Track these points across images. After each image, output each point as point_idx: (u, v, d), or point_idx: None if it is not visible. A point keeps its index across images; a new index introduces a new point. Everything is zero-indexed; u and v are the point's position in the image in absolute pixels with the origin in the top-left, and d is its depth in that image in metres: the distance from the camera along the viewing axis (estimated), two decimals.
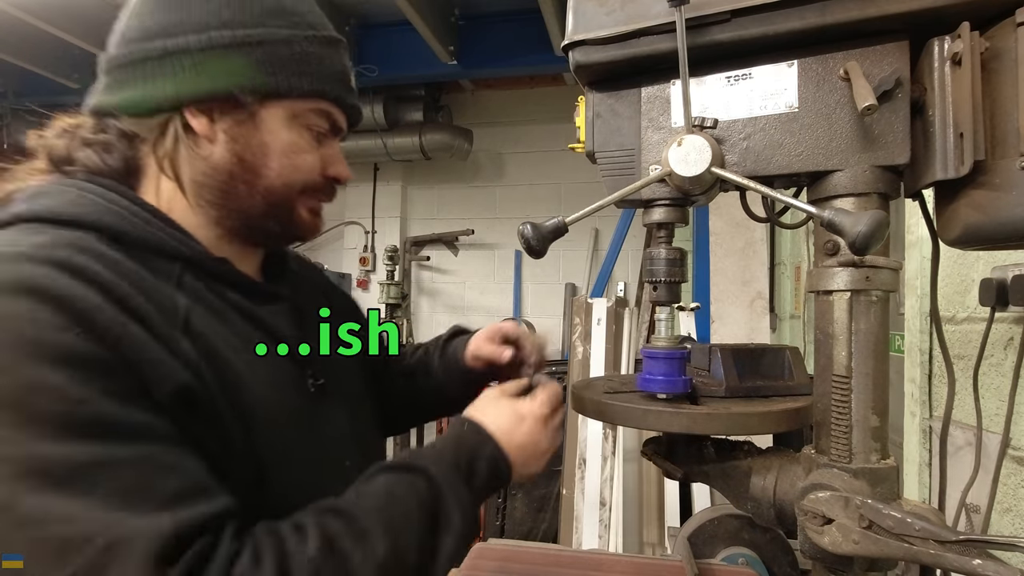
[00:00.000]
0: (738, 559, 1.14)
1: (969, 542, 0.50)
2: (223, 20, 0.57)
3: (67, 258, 0.47)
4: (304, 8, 0.63)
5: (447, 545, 0.56)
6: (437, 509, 0.56)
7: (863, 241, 0.51)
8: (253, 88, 0.58)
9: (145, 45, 0.57)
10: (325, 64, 0.62)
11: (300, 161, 0.62)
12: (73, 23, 3.09)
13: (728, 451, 0.73)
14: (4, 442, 0.40)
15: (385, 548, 0.50)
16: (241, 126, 0.59)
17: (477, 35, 3.46)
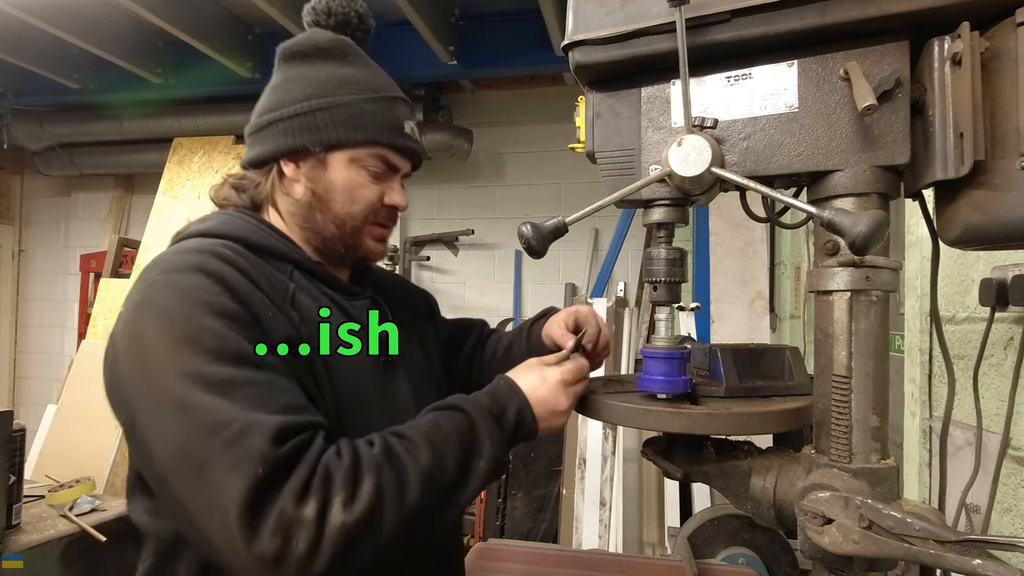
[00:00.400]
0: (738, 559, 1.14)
1: (969, 542, 0.50)
2: (306, 95, 0.80)
3: (220, 253, 0.72)
4: (367, 76, 0.84)
5: (479, 467, 0.70)
6: (472, 437, 0.70)
7: (863, 241, 0.51)
8: (320, 141, 0.79)
9: (260, 119, 0.83)
10: (378, 118, 0.81)
11: (358, 194, 0.82)
12: (73, 23, 3.09)
13: (728, 451, 0.73)
14: (184, 363, 0.63)
15: (429, 459, 0.66)
16: (314, 170, 0.81)
17: (477, 35, 3.46)
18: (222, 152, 3.66)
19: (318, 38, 0.84)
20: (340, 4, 0.86)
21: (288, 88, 0.82)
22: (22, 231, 5.17)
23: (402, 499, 0.63)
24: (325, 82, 0.80)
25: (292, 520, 0.58)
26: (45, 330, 5.07)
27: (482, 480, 0.70)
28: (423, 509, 0.65)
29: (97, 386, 0.72)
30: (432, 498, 0.66)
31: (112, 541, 1.57)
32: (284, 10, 2.93)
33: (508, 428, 0.74)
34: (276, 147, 0.80)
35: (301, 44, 0.84)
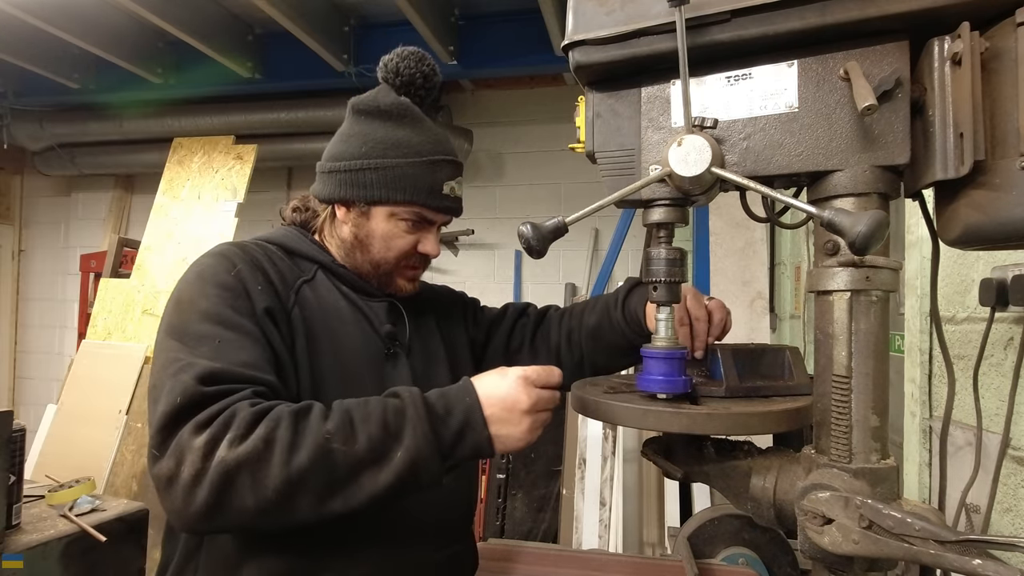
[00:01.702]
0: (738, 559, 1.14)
1: (969, 542, 0.50)
2: (361, 153, 0.92)
3: (245, 245, 0.90)
4: (417, 140, 0.94)
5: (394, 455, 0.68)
6: (396, 423, 0.70)
7: (863, 241, 0.51)
8: (365, 197, 0.92)
9: (327, 163, 0.96)
10: (419, 181, 0.92)
11: (393, 243, 0.95)
12: (73, 23, 3.09)
13: (728, 451, 0.73)
14: (178, 319, 0.78)
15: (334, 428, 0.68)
16: (360, 218, 0.94)
17: (477, 35, 3.46)
18: (222, 152, 3.66)
19: (381, 100, 0.95)
20: (407, 65, 0.96)
21: (350, 142, 0.94)
22: (22, 231, 5.17)
23: (290, 456, 0.65)
24: (378, 143, 0.92)
25: (185, 447, 0.65)
26: (45, 330, 5.07)
27: (396, 472, 0.68)
28: (311, 473, 0.66)
29: (97, 386, 0.76)
30: (324, 467, 0.66)
31: (112, 541, 1.57)
32: (284, 10, 2.93)
33: (450, 426, 0.72)
34: (331, 193, 0.94)
35: (366, 103, 0.96)
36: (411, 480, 0.69)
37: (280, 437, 0.66)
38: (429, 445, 0.70)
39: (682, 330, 0.90)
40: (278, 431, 0.66)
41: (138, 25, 3.44)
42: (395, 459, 0.68)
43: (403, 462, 0.68)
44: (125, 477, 3.01)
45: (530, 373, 0.76)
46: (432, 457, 0.70)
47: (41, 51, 3.56)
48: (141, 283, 3.47)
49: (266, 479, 0.65)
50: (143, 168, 4.48)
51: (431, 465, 0.70)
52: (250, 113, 3.93)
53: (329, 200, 0.96)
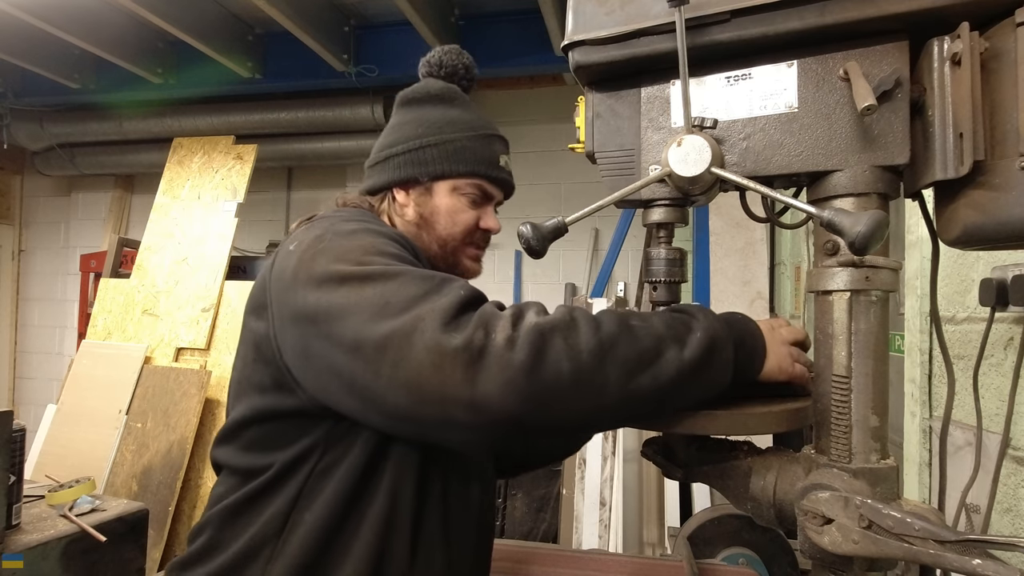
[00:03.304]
0: (738, 559, 1.14)
1: (969, 542, 0.50)
2: (416, 135, 0.92)
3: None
4: (470, 117, 0.95)
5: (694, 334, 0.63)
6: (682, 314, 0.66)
7: (863, 241, 0.51)
8: (428, 172, 0.91)
9: (379, 154, 0.95)
10: (477, 153, 0.93)
11: (458, 218, 0.93)
12: (73, 23, 3.09)
13: (728, 451, 0.73)
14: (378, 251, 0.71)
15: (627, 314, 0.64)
16: (422, 196, 0.93)
17: (477, 35, 3.46)
18: (222, 152, 3.66)
19: (431, 86, 0.97)
20: (450, 58, 0.99)
21: (403, 129, 0.94)
22: (22, 231, 5.17)
23: (596, 325, 0.61)
24: (434, 123, 0.93)
25: (491, 316, 0.61)
26: (45, 330, 5.07)
27: (698, 348, 0.62)
28: (619, 341, 0.60)
29: (97, 386, 0.73)
30: (630, 337, 0.61)
31: (112, 541, 1.57)
32: (284, 10, 2.93)
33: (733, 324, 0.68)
34: (390, 178, 0.93)
35: (416, 91, 0.97)
36: (707, 363, 0.63)
37: (581, 314, 0.62)
38: (723, 328, 0.66)
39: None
40: (575, 311, 0.62)
41: (138, 25, 3.44)
42: (695, 336, 0.63)
43: (702, 340, 0.63)
44: (125, 477, 3.01)
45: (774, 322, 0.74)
46: (727, 340, 0.65)
47: (41, 51, 3.56)
48: (141, 283, 3.47)
49: (579, 343, 0.59)
50: (143, 168, 4.49)
51: (725, 349, 0.65)
52: (250, 113, 3.93)
53: (388, 185, 0.94)
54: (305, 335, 0.67)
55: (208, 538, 0.76)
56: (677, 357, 0.61)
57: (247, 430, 0.77)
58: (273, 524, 0.73)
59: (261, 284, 0.78)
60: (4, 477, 1.42)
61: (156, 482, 2.96)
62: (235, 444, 0.78)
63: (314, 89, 3.81)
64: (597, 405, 0.60)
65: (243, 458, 0.77)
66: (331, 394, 0.67)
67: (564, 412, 0.60)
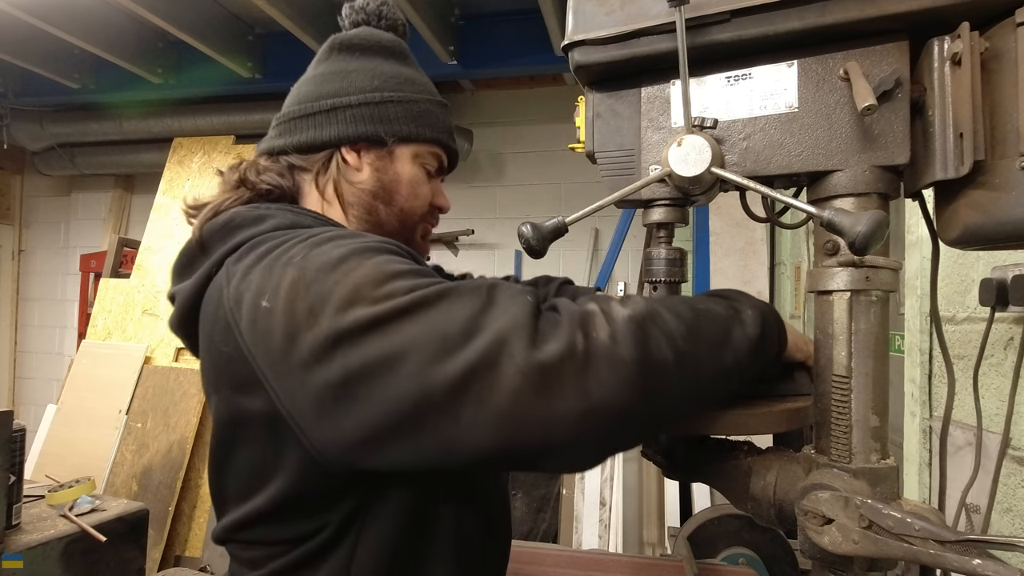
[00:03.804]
0: (738, 559, 1.14)
1: (969, 542, 0.50)
2: (375, 87, 0.79)
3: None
4: (424, 80, 0.85)
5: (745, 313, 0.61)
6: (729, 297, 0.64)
7: (863, 241, 0.50)
8: (393, 132, 0.78)
9: (318, 103, 0.79)
10: (439, 119, 0.83)
11: (420, 190, 0.82)
12: (73, 23, 3.09)
13: (728, 451, 0.73)
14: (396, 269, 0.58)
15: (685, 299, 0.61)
16: (381, 160, 0.79)
17: (477, 35, 3.46)
18: (222, 152, 3.66)
19: (380, 36, 0.84)
20: (389, 10, 0.87)
21: (350, 78, 0.79)
22: (22, 231, 5.17)
23: (675, 310, 0.57)
24: (392, 77, 0.80)
25: (582, 315, 0.53)
26: (45, 330, 5.07)
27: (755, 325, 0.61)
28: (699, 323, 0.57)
29: (97, 386, 0.71)
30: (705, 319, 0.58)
31: (112, 541, 1.57)
32: (284, 10, 2.93)
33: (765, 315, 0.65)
34: (339, 133, 0.77)
35: (363, 38, 0.83)
36: (765, 337, 0.62)
37: (655, 302, 0.57)
38: (767, 308, 0.64)
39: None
40: (644, 299, 0.58)
41: (138, 25, 3.44)
42: (747, 313, 0.62)
43: (755, 316, 0.62)
44: (125, 477, 3.01)
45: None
46: (772, 316, 0.64)
47: (41, 51, 3.56)
48: (141, 283, 3.47)
49: (670, 329, 0.55)
50: (143, 168, 4.48)
51: (773, 325, 0.64)
52: (250, 113, 3.93)
53: (335, 142, 0.78)
54: (339, 406, 0.54)
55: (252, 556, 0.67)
56: (743, 334, 0.60)
57: (280, 512, 0.65)
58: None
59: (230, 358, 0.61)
60: (4, 477, 1.42)
61: (156, 482, 2.96)
62: (267, 524, 0.66)
63: None
64: (696, 387, 0.57)
65: (281, 532, 0.66)
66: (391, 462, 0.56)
67: (671, 401, 0.56)
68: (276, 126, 0.84)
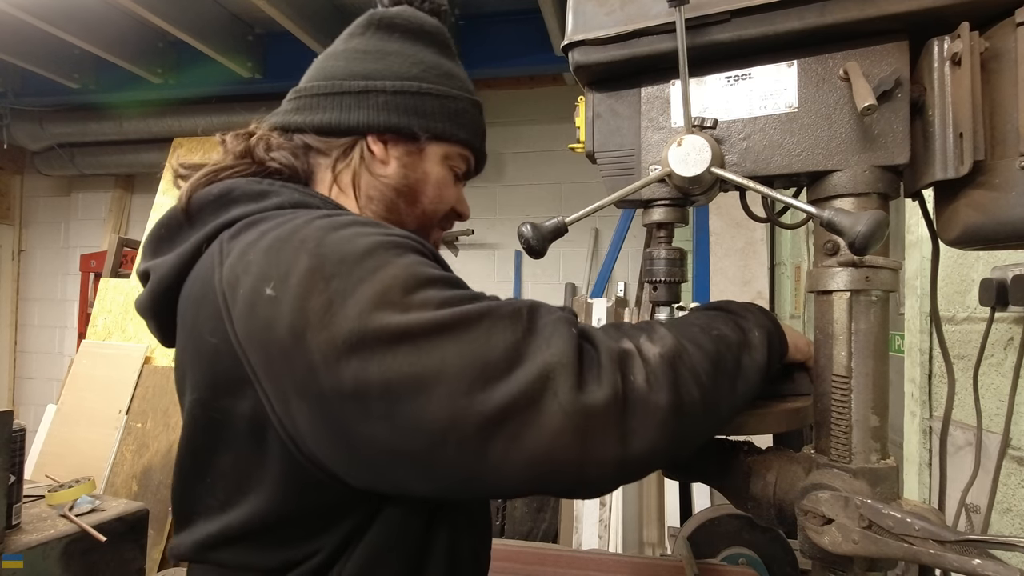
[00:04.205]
0: (738, 559, 1.14)
1: (969, 542, 0.50)
2: (413, 75, 0.72)
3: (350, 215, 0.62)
4: (463, 76, 0.78)
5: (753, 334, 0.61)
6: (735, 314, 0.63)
7: (863, 241, 0.50)
8: (427, 128, 0.72)
9: (347, 82, 0.71)
10: (474, 121, 0.77)
11: (445, 193, 0.76)
12: (73, 23, 3.09)
13: (728, 451, 0.73)
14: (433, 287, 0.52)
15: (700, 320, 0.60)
16: (410, 156, 0.73)
17: (477, 35, 3.46)
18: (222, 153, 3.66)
19: (423, 20, 0.77)
20: None
21: (387, 60, 0.72)
22: (22, 231, 5.17)
23: (696, 342, 0.55)
24: (432, 68, 0.74)
25: (621, 354, 0.50)
26: (45, 330, 5.07)
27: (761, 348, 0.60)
28: (718, 355, 0.56)
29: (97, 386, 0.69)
30: (721, 350, 0.57)
31: (112, 541, 1.57)
32: (284, 10, 2.93)
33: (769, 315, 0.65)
34: (368, 119, 0.70)
35: (406, 19, 0.75)
36: (769, 363, 0.62)
37: (677, 332, 0.55)
38: (769, 321, 0.64)
39: None
40: (661, 327, 0.56)
41: (138, 25, 3.44)
42: (756, 336, 0.61)
43: (761, 341, 0.61)
44: (125, 477, 3.01)
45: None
46: (776, 332, 0.64)
47: (41, 51, 3.56)
48: None
49: (697, 366, 0.53)
50: (143, 168, 4.48)
51: (777, 343, 0.63)
52: (250, 113, 3.90)
53: (367, 128, 0.70)
54: (345, 418, 0.47)
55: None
56: (753, 361, 0.59)
57: (265, 530, 0.57)
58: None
59: (216, 350, 0.53)
60: (4, 477, 1.42)
61: (156, 482, 2.97)
62: (248, 544, 0.58)
63: None
64: (717, 420, 0.57)
65: (266, 557, 0.58)
66: (390, 484, 0.52)
67: (698, 437, 0.55)
68: (294, 99, 0.75)
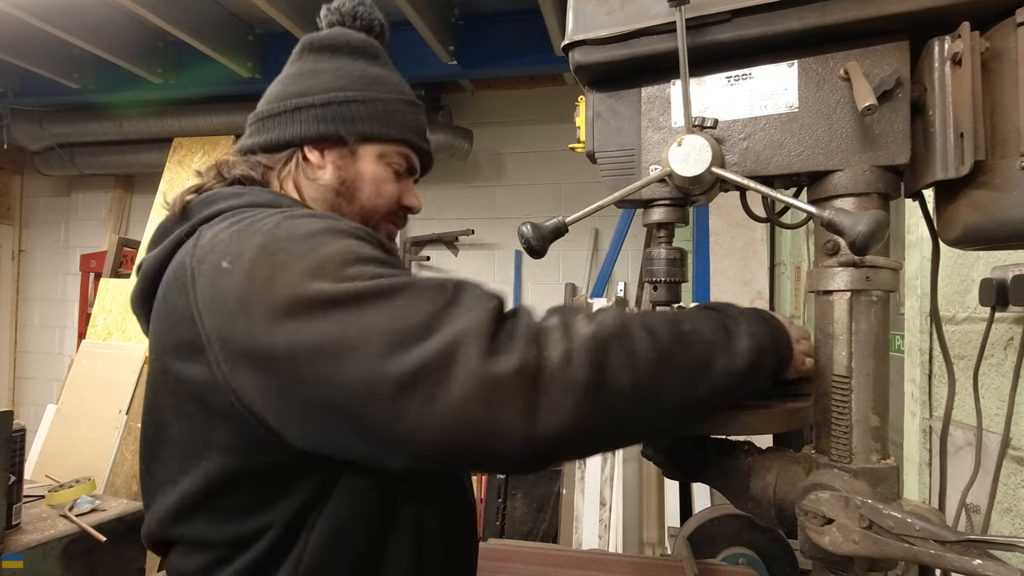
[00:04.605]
0: (738, 559, 1.14)
1: (969, 542, 0.50)
2: (339, 86, 0.80)
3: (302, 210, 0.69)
4: (395, 79, 0.86)
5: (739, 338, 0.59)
6: (724, 315, 0.61)
7: (863, 241, 0.50)
8: (355, 131, 0.79)
9: (282, 103, 0.81)
10: (407, 119, 0.84)
11: (383, 189, 0.82)
12: (73, 23, 3.09)
13: (728, 451, 0.73)
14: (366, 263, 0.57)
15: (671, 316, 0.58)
16: (343, 159, 0.80)
17: (477, 35, 3.46)
18: (222, 152, 3.64)
19: (350, 36, 0.85)
20: (365, 10, 0.89)
21: (317, 78, 0.81)
22: (22, 231, 5.17)
23: (651, 330, 0.54)
24: (359, 77, 0.82)
25: (539, 329, 0.52)
26: (45, 330, 5.07)
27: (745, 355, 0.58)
28: (675, 348, 0.55)
29: (97, 386, 0.70)
30: (683, 343, 0.56)
31: (112, 541, 1.57)
32: (284, 10, 2.93)
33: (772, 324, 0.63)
34: (302, 132, 0.79)
35: (333, 38, 0.85)
36: (752, 371, 0.59)
37: (633, 319, 0.55)
38: (767, 335, 0.61)
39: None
40: (624, 314, 0.56)
41: (138, 25, 3.43)
42: (741, 345, 0.58)
43: (748, 350, 0.58)
44: (125, 477, 3.01)
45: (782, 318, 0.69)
46: (770, 349, 0.61)
47: (41, 51, 3.56)
48: None
49: (637, 352, 0.52)
50: (143, 168, 4.48)
51: (769, 354, 0.61)
52: (250, 113, 3.93)
53: (298, 141, 0.79)
54: (281, 379, 0.52)
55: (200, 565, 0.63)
56: (727, 365, 0.57)
57: (218, 498, 0.60)
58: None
59: (180, 315, 0.58)
60: (4, 477, 1.42)
61: None
62: (204, 516, 0.61)
63: None
64: (656, 415, 0.56)
65: (221, 529, 0.61)
66: (329, 444, 0.56)
67: (623, 427, 0.55)
68: (249, 125, 0.85)
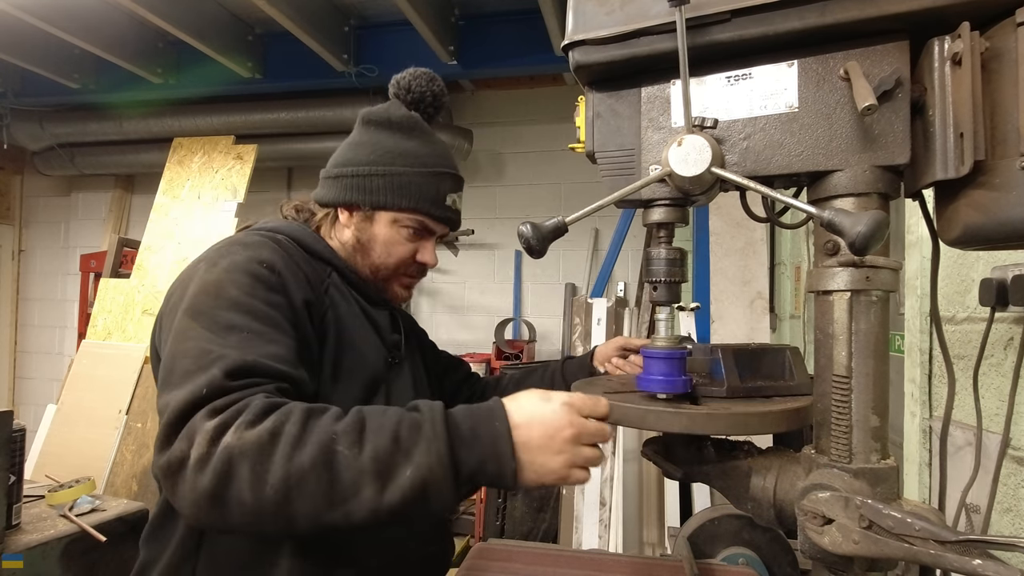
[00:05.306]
0: (738, 559, 1.14)
1: (969, 542, 0.50)
2: (368, 160, 0.97)
3: (275, 238, 0.90)
4: (424, 152, 0.99)
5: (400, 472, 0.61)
6: (409, 438, 0.63)
7: (863, 241, 0.50)
8: (371, 201, 0.96)
9: (334, 169, 1.00)
10: (423, 190, 0.97)
11: (393, 250, 0.99)
12: (73, 23, 3.09)
13: (728, 451, 0.73)
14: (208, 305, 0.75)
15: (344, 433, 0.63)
16: (363, 222, 0.98)
17: (477, 35, 3.46)
18: (222, 152, 3.66)
19: (392, 112, 0.99)
20: (419, 84, 1.02)
21: (358, 150, 0.98)
22: (22, 231, 5.17)
23: (293, 452, 0.60)
24: (386, 152, 0.97)
25: (196, 429, 0.63)
26: (45, 330, 5.07)
27: (402, 491, 0.60)
28: (312, 475, 0.60)
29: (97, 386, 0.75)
30: (326, 470, 0.60)
31: (112, 541, 1.57)
32: (284, 10, 2.93)
33: (473, 450, 0.64)
34: (336, 197, 0.98)
35: (378, 114, 1.00)
36: (420, 502, 0.61)
37: (287, 431, 0.62)
38: (443, 467, 0.62)
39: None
40: (287, 425, 0.62)
41: (138, 25, 3.44)
42: (402, 477, 0.61)
43: (411, 481, 0.61)
44: (125, 477, 3.01)
45: (575, 400, 0.67)
46: (445, 480, 0.62)
47: (41, 51, 3.56)
48: (141, 283, 3.47)
49: (266, 474, 0.60)
50: (143, 168, 4.48)
51: (443, 489, 0.62)
52: (250, 113, 3.93)
53: (334, 203, 0.99)
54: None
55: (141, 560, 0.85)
56: (374, 499, 0.60)
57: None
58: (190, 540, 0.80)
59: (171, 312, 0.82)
60: (4, 477, 1.42)
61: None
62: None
63: (314, 89, 3.81)
64: (288, 530, 0.63)
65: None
66: None
67: (261, 528, 0.63)
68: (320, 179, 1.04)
